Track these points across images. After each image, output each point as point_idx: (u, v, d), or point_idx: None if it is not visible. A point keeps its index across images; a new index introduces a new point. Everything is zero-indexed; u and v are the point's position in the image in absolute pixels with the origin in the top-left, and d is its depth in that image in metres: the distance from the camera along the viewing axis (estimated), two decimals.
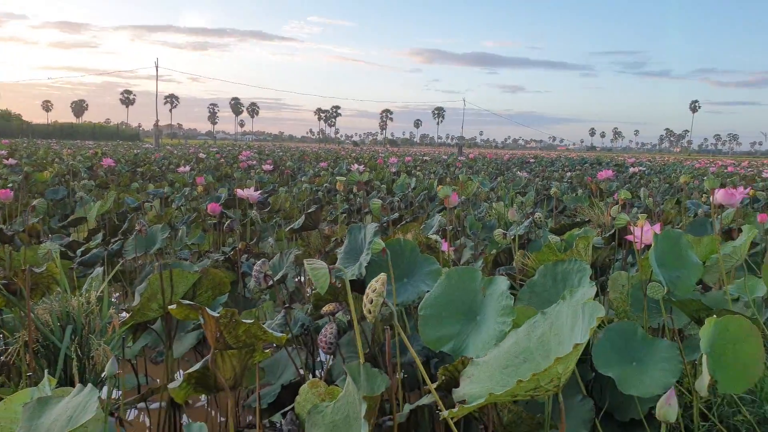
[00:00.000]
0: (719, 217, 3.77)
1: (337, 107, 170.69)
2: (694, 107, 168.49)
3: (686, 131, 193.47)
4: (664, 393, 1.82)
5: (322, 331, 1.65)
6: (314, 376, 2.39)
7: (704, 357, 1.71)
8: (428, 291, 1.83)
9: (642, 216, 2.79)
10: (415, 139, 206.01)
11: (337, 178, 4.75)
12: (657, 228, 2.58)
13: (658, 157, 42.90)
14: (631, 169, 13.29)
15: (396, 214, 4.89)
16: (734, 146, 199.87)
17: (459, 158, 20.69)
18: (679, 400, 2.27)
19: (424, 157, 20.43)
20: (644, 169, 16.78)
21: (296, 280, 3.50)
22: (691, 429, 2.09)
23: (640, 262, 2.44)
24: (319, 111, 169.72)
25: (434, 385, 1.40)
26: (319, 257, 2.85)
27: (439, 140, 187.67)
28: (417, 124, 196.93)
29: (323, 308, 1.68)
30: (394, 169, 11.78)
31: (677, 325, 2.50)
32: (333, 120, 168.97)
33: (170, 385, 1.37)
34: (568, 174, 11.97)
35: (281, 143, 71.27)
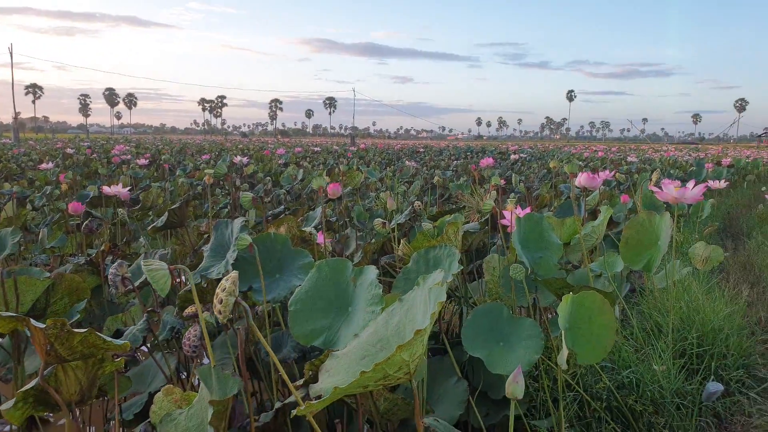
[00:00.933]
0: (584, 199, 4.03)
1: (223, 97, 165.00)
2: (570, 97, 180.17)
3: (564, 119, 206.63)
4: (527, 370, 1.92)
5: (186, 333, 1.56)
6: (189, 381, 2.28)
7: (563, 332, 1.81)
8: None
9: (512, 200, 2.91)
10: (307, 130, 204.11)
11: (206, 171, 4.55)
12: (520, 211, 2.69)
13: (539, 144, 45.53)
14: (513, 156, 13.97)
15: (282, 207, 4.80)
16: (606, 133, 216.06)
17: (350, 149, 20.74)
18: (549, 374, 2.41)
19: (315, 148, 20.26)
20: (525, 156, 17.71)
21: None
22: (556, 399, 2.22)
23: (510, 246, 2.54)
24: (203, 101, 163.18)
25: (300, 382, 1.36)
26: (191, 256, 2.72)
27: (332, 131, 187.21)
28: (309, 114, 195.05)
29: (185, 310, 1.58)
30: (282, 161, 11.57)
31: (545, 303, 2.64)
32: (219, 111, 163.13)
33: (2, 407, 1.23)
34: (455, 162, 12.36)
35: (162, 135, 67.60)
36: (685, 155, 19.91)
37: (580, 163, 12.06)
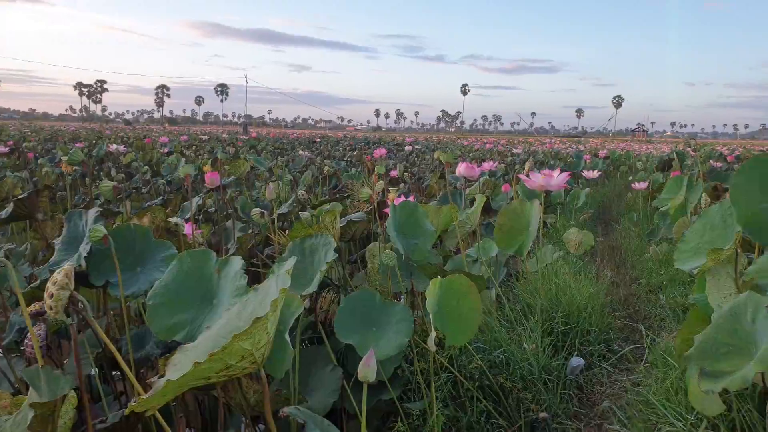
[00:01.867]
0: (465, 189, 4.18)
1: (103, 81, 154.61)
2: (464, 90, 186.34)
3: (459, 112, 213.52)
4: (398, 353, 1.95)
5: (28, 334, 1.44)
6: None
7: (431, 315, 1.86)
8: None
9: (394, 190, 2.95)
10: (198, 118, 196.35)
11: (62, 158, 4.24)
12: (396, 200, 2.73)
13: (435, 136, 46.73)
14: (407, 147, 14.21)
15: (160, 198, 4.57)
16: (498, 126, 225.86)
17: (241, 137, 20.13)
18: (426, 357, 2.47)
19: (203, 136, 19.50)
20: (420, 147, 18.09)
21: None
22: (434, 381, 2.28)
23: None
24: (80, 85, 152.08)
25: (155, 379, 1.29)
26: (44, 250, 2.51)
27: (225, 119, 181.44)
28: (198, 101, 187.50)
29: (30, 308, 1.45)
30: (166, 150, 11.04)
31: (422, 288, 2.70)
32: (98, 96, 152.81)
33: None
34: (350, 153, 12.39)
35: (32, 122, 61.98)
36: (567, 147, 21.21)
37: (461, 154, 12.49)
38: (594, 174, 6.76)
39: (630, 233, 5.98)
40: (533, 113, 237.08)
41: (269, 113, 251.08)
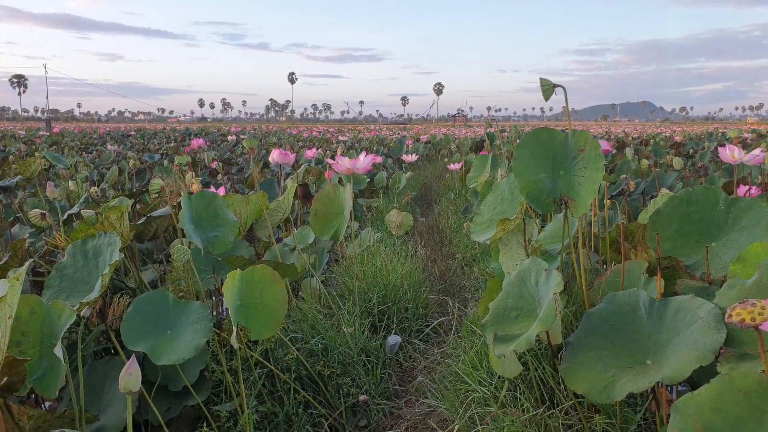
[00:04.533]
0: (282, 176, 4.07)
1: None
2: (292, 79, 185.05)
3: (288, 101, 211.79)
4: (198, 356, 1.80)
5: None
6: None
7: (231, 311, 1.74)
8: None
9: (196, 180, 2.75)
10: None
11: None
12: (193, 189, 2.55)
13: (264, 126, 45.74)
14: (230, 138, 13.70)
15: None
16: (329, 115, 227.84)
17: (42, 133, 17.99)
18: (237, 354, 2.33)
19: None
20: (246, 137, 17.56)
21: None
22: (245, 379, 2.16)
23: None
24: None
25: None
26: None
27: (26, 113, 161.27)
28: None
29: None
30: None
31: None
32: None
33: None
34: (166, 146, 11.63)
35: None
36: (393, 134, 21.96)
37: (286, 143, 12.38)
38: (412, 158, 7.03)
39: (447, 212, 6.31)
40: (361, 101, 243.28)
41: (79, 107, 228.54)
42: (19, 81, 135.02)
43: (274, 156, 3.42)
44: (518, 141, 2.02)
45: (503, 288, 1.79)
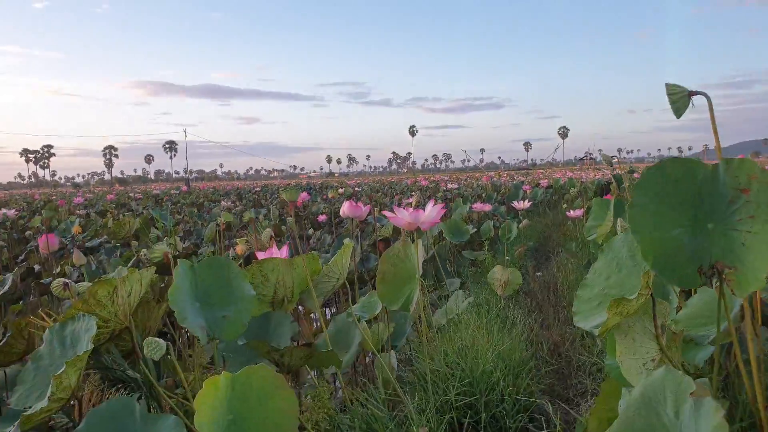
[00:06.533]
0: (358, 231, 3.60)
1: (50, 146, 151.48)
2: (412, 131, 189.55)
3: (409, 153, 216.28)
4: None
5: None
6: None
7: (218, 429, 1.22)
8: None
9: (241, 240, 2.33)
10: (149, 176, 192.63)
11: None
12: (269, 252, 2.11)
13: (386, 178, 46.55)
14: (341, 191, 13.69)
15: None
16: (449, 164, 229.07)
17: (172, 192, 19.31)
18: None
19: (138, 195, 18.59)
20: (361, 189, 17.62)
21: None
22: None
23: None
24: (26, 152, 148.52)
25: None
26: None
27: (177, 175, 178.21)
28: (148, 159, 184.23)
29: None
30: (84, 211, 10.22)
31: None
32: (46, 161, 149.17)
33: None
34: (276, 200, 11.78)
35: None
36: (514, 180, 21.05)
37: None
38: (524, 204, 6.29)
39: (567, 267, 5.48)
40: (482, 149, 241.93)
41: (221, 167, 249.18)
42: (171, 146, 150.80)
43: (345, 209, 2.94)
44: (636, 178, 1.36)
45: (620, 413, 1.12)
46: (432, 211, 1.97)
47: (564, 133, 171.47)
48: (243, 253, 2.25)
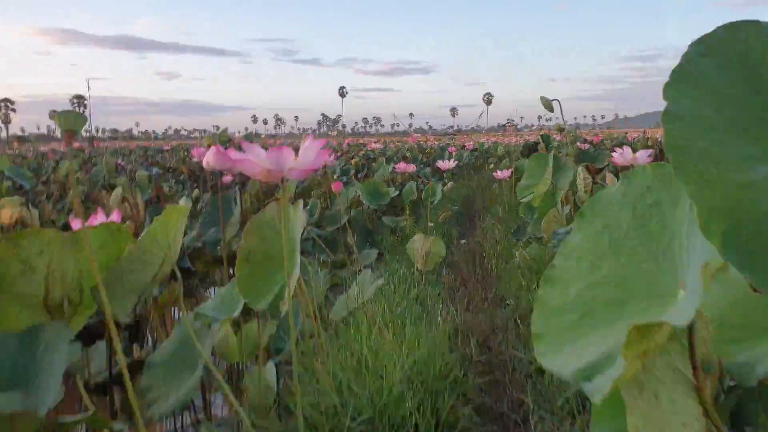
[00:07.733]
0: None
1: None
2: (342, 93, 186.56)
3: (339, 116, 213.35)
4: None
5: None
6: None
7: None
8: None
9: (13, 200, 1.48)
10: (55, 134, 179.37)
11: None
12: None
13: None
14: None
15: None
16: (379, 128, 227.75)
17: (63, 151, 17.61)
18: None
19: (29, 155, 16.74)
20: None
21: None
22: None
23: None
24: None
25: None
26: None
27: (87, 134, 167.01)
28: (53, 115, 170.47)
29: None
30: None
31: None
32: None
33: None
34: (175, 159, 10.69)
35: None
36: (440, 144, 20.58)
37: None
38: (450, 164, 5.65)
39: (494, 233, 4.91)
40: (411, 114, 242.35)
41: (137, 126, 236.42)
42: (79, 101, 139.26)
43: (209, 158, 2.12)
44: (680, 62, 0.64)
45: None
46: (307, 150, 1.19)
47: (488, 99, 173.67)
48: (10, 222, 1.41)
